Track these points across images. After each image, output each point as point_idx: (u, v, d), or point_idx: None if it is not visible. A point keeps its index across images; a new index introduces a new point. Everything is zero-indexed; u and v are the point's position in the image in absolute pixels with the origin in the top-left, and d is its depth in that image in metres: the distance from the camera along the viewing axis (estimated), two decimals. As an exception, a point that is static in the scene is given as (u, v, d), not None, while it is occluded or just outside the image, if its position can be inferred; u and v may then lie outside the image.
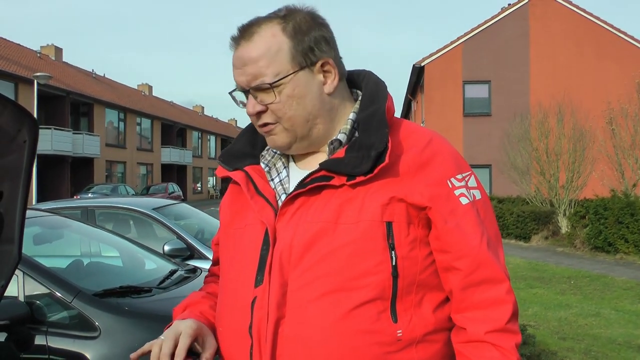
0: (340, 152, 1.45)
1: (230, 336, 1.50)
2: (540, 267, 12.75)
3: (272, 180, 1.57)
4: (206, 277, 1.86)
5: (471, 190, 1.47)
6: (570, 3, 28.17)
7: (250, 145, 1.63)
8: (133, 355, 1.48)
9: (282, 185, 1.55)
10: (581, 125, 19.07)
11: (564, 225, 17.52)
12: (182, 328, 1.49)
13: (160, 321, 3.53)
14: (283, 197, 1.51)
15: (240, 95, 1.54)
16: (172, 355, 1.44)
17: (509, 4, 29.34)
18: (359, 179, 1.40)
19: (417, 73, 30.19)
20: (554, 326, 7.55)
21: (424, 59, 28.75)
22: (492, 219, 1.50)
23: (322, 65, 1.48)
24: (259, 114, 1.49)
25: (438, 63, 28.49)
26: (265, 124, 1.49)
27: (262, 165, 1.59)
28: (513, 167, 20.48)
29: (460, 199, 1.43)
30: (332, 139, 1.50)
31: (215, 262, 1.80)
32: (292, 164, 1.59)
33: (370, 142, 1.41)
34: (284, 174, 1.57)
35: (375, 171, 1.39)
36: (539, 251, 15.73)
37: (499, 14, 28.75)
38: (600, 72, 27.02)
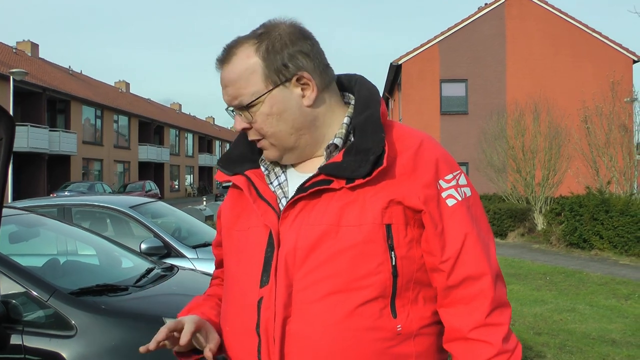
0: (338, 157, 1.51)
1: (237, 335, 1.55)
2: (516, 263, 12.86)
3: (272, 183, 1.62)
4: (211, 279, 1.92)
5: (462, 188, 1.52)
6: (546, 3, 28.41)
7: (249, 149, 1.67)
8: (142, 348, 1.51)
9: (281, 188, 1.60)
10: (557, 124, 19.26)
11: (539, 222, 17.69)
12: (186, 319, 1.55)
13: (136, 319, 3.56)
14: (283, 200, 1.56)
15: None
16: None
17: (486, 4, 29.51)
18: (357, 182, 1.45)
19: (395, 71, 30.27)
20: (529, 322, 7.63)
21: (401, 57, 28.84)
22: (482, 214, 1.56)
23: (297, 80, 1.51)
24: (245, 130, 1.58)
25: (415, 61, 28.60)
26: (254, 140, 1.58)
27: (262, 169, 1.64)
28: (489, 164, 20.63)
29: (447, 200, 1.49)
30: (328, 143, 1.55)
31: (219, 265, 1.86)
32: (290, 167, 1.63)
33: (367, 146, 1.47)
34: (282, 177, 1.62)
35: (374, 174, 1.44)
36: (515, 248, 15.85)
37: (476, 13, 28.92)
38: (575, 72, 27.30)
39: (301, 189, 1.50)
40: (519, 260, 13.40)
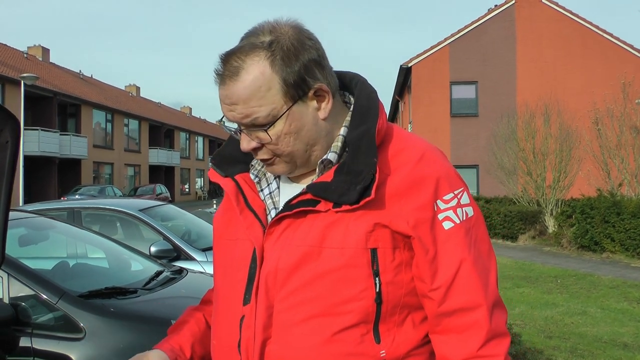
0: (329, 174, 1.42)
1: (222, 351, 1.52)
2: (527, 266, 12.81)
3: (262, 191, 1.55)
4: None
5: (463, 208, 1.42)
6: (557, 4, 28.31)
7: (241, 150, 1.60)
8: None
9: (271, 198, 1.53)
10: (567, 126, 19.17)
11: (550, 224, 17.60)
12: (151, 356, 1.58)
13: (145, 322, 3.55)
14: (273, 212, 1.50)
15: (231, 124, 1.48)
16: None
17: (496, 5, 29.44)
18: (344, 207, 1.37)
19: (405, 74, 30.23)
20: (540, 325, 7.59)
21: (411, 60, 28.80)
22: (484, 236, 1.47)
23: (315, 92, 1.40)
24: (255, 150, 1.44)
25: (425, 64, 28.56)
26: (264, 159, 1.47)
27: (252, 176, 1.56)
28: (500, 167, 20.55)
29: (444, 223, 1.39)
30: (322, 158, 1.45)
31: None
32: (282, 175, 1.56)
33: (359, 168, 1.37)
34: (274, 185, 1.55)
35: (361, 203, 1.36)
36: (526, 251, 15.79)
37: (486, 15, 28.85)
38: (586, 73, 27.17)
39: (287, 206, 1.43)
40: (530, 263, 13.35)
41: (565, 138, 18.96)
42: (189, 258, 6.59)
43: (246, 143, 1.43)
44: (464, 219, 1.41)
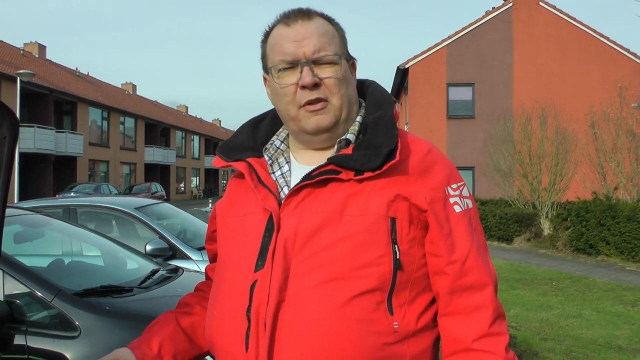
0: (348, 150, 1.51)
1: (225, 320, 1.51)
2: (522, 268, 12.83)
3: (274, 173, 1.61)
4: (202, 282, 1.92)
5: (464, 200, 1.53)
6: (554, 7, 28.35)
7: (251, 140, 1.67)
8: None
9: (284, 177, 1.59)
10: (564, 128, 19.21)
11: (546, 227, 17.64)
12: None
13: (140, 321, 3.53)
14: (285, 189, 1.55)
15: (279, 79, 1.55)
16: None
17: (493, 8, 29.47)
18: (367, 174, 1.45)
19: (401, 75, 30.23)
20: (535, 327, 7.59)
21: (408, 61, 28.80)
22: (481, 228, 1.57)
23: (352, 65, 1.62)
24: (315, 87, 1.51)
25: (422, 65, 28.56)
26: (318, 100, 1.51)
27: (266, 158, 1.63)
28: (496, 169, 20.58)
29: (454, 207, 1.49)
30: (340, 138, 1.55)
31: (212, 259, 1.85)
32: (293, 160, 1.63)
33: (379, 141, 1.48)
34: (285, 167, 1.62)
35: (385, 168, 1.44)
36: (521, 253, 15.81)
37: (483, 17, 28.86)
38: (582, 76, 27.21)
39: (308, 176, 1.49)
40: (525, 265, 13.36)
41: (562, 141, 19.01)
42: (185, 257, 6.58)
43: (310, 77, 1.50)
44: (466, 208, 1.53)
